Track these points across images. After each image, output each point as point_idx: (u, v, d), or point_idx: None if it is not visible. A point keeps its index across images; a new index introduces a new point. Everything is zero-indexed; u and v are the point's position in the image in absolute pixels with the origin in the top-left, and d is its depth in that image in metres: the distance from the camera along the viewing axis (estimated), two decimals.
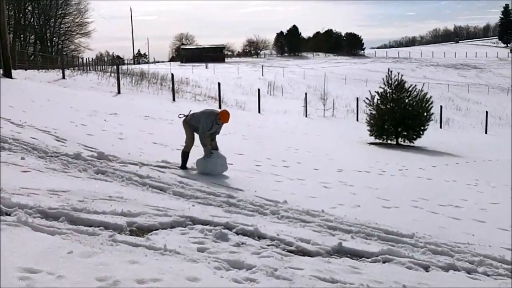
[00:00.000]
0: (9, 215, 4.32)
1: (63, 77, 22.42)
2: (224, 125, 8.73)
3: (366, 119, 20.10)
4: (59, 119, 11.16)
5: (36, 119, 10.39)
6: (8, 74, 18.08)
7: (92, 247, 3.78)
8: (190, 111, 8.95)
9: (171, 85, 25.14)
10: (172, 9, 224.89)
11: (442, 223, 7.09)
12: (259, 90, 28.44)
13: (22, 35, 59.00)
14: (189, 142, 8.61)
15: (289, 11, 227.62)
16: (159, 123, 14.53)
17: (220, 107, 24.96)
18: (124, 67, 47.99)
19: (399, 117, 18.67)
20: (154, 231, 4.52)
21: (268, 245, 4.65)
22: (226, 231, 4.78)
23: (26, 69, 25.16)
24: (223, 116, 8.44)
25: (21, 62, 31.76)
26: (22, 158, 6.70)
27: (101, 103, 16.19)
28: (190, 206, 5.75)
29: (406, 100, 19.07)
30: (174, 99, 23.44)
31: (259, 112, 26.74)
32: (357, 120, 28.69)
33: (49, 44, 62.24)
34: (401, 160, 14.41)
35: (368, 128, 19.51)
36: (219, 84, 26.15)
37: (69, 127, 10.44)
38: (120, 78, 26.69)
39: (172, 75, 25.24)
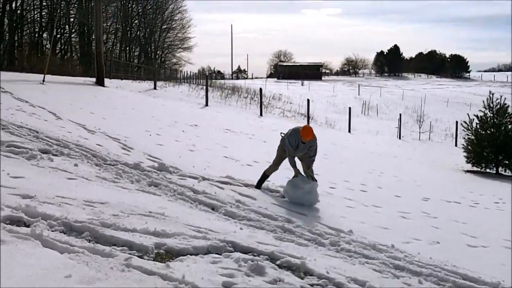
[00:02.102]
0: (28, 226, 3.93)
1: (155, 88, 22.77)
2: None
3: (463, 145, 18.60)
4: (135, 128, 11.04)
5: (111, 126, 10.31)
6: (100, 83, 18.57)
7: (98, 271, 3.27)
8: (289, 130, 8.00)
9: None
10: (272, 27, 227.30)
11: None
12: (350, 108, 27.50)
13: (128, 48, 61.84)
14: (274, 164, 7.90)
15: (390, 32, 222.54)
16: (238, 136, 14.14)
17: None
18: (222, 81, 48.77)
19: (500, 144, 17.06)
20: (182, 257, 3.95)
21: (312, 285, 3.94)
22: (265, 263, 4.12)
23: (122, 79, 25.90)
24: (304, 132, 7.48)
25: (125, 72, 33.01)
26: (75, 165, 6.42)
27: (184, 114, 16.10)
28: (237, 229, 5.15)
29: (509, 126, 17.41)
30: (261, 114, 23.09)
31: (349, 131, 25.80)
32: (456, 145, 26.87)
33: (152, 57, 64.63)
34: (498, 192, 12.99)
35: (465, 154, 18.01)
36: (308, 100, 25.51)
37: (142, 136, 10.24)
38: (211, 91, 27.01)
39: (261, 89, 24.94)
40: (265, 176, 7.87)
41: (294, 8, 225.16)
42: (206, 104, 21.28)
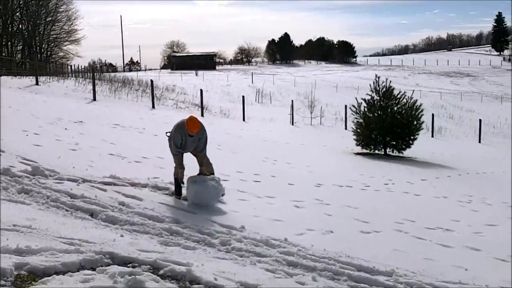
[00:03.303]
0: None
1: (37, 83, 21.28)
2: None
3: (352, 128, 19.08)
4: (10, 128, 10.07)
5: None
6: None
7: None
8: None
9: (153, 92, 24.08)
10: (164, 18, 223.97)
11: (429, 253, 6.03)
12: (243, 97, 27.40)
13: (9, 42, 57.91)
14: (177, 165, 7.10)
15: (281, 20, 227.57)
16: (128, 131, 13.47)
17: (202, 115, 23.96)
18: (113, 74, 47.01)
19: (387, 126, 17.62)
20: (47, 277, 3.45)
21: None
22: (146, 274, 3.72)
23: (0, 75, 24.00)
24: (190, 124, 6.72)
25: (8, 69, 30.67)
26: None
27: (69, 111, 15.10)
28: (117, 236, 4.69)
29: (395, 108, 18.02)
30: (153, 107, 22.38)
31: (243, 120, 25.72)
32: (346, 128, 27.66)
33: (37, 51, 60.99)
34: (387, 173, 13.38)
35: (355, 137, 18.47)
36: (201, 90, 25.11)
37: (17, 137, 9.34)
38: (100, 85, 25.78)
39: (151, 81, 24.16)
40: (176, 180, 7.16)
41: None
42: (94, 99, 20.22)
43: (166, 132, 7.36)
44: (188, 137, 6.90)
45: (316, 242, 5.71)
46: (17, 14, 58.12)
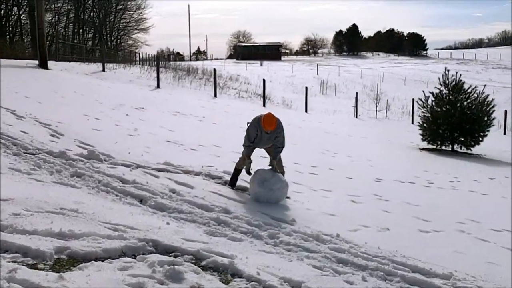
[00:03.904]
0: None
1: (103, 70, 21.81)
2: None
3: (419, 122, 18.40)
4: (72, 112, 10.30)
5: (45, 111, 9.54)
6: (43, 65, 17.58)
7: None
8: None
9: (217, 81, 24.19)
10: (232, 7, 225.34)
11: (492, 257, 5.60)
12: (306, 88, 27.13)
13: (81, 29, 59.81)
14: (243, 156, 6.91)
15: (350, 10, 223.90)
16: (188, 119, 13.51)
17: (264, 105, 23.85)
18: (180, 63, 47.71)
19: (455, 121, 16.86)
20: (86, 263, 3.38)
21: None
22: (186, 265, 3.59)
23: (70, 61, 24.79)
24: (265, 122, 6.46)
25: (79, 55, 31.73)
26: None
27: (132, 97, 15.35)
28: (163, 223, 4.60)
29: (465, 103, 17.20)
30: (215, 95, 22.46)
31: (305, 111, 25.44)
32: (412, 123, 26.83)
33: (107, 39, 62.70)
34: (454, 170, 12.77)
35: (421, 132, 17.81)
36: (263, 80, 24.97)
37: (79, 121, 9.52)
38: (165, 72, 26.16)
39: (214, 69, 24.25)
40: (237, 171, 6.97)
41: None
42: (158, 86, 20.51)
43: (248, 122, 7.08)
44: (263, 133, 6.64)
45: (370, 240, 5.43)
46: (89, 2, 59.82)
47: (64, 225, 3.90)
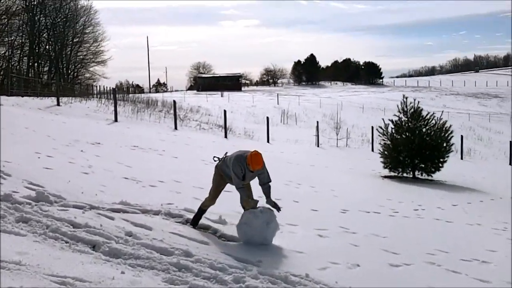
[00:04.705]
0: None
1: (58, 104, 21.15)
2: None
3: (379, 150, 18.43)
4: (22, 150, 9.73)
5: None
6: None
7: None
8: (226, 153, 6.81)
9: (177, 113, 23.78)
10: (190, 39, 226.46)
11: None
12: (267, 118, 27.02)
13: (36, 63, 58.65)
14: (211, 196, 6.64)
15: (306, 42, 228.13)
16: (147, 154, 13.08)
17: (226, 136, 23.60)
18: (137, 95, 47.11)
19: (415, 148, 16.95)
20: None
21: None
22: None
23: (23, 96, 24.02)
24: (253, 161, 6.12)
25: (33, 89, 30.85)
26: None
27: (87, 132, 14.82)
28: (118, 273, 4.20)
29: (424, 129, 17.35)
30: (176, 128, 22.06)
31: (267, 141, 25.26)
32: (372, 150, 26.99)
33: (64, 72, 61.65)
34: (417, 197, 12.71)
35: (382, 159, 17.82)
36: (225, 111, 24.76)
37: (28, 159, 8.98)
38: (123, 105, 25.63)
39: (174, 101, 23.91)
40: (201, 211, 6.67)
41: (212, 20, 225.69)
42: (115, 120, 19.98)
43: (214, 157, 6.81)
44: (247, 172, 6.31)
45: (340, 278, 5.15)
46: (44, 35, 58.89)
47: (3, 281, 3.47)
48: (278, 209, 6.45)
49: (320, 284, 4.80)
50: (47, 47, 60.08)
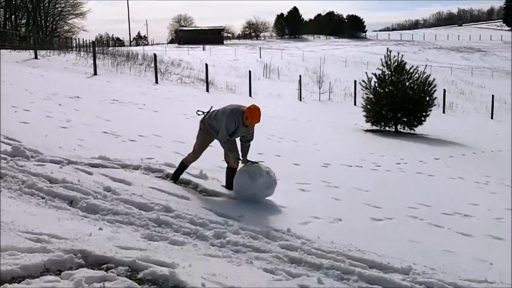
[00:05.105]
0: None
1: (36, 57, 20.61)
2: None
3: (362, 104, 18.36)
4: None
5: None
6: None
7: None
8: (212, 107, 6.61)
9: (158, 67, 23.37)
10: None
11: (448, 244, 5.39)
12: (250, 72, 26.68)
13: (13, 15, 57.02)
14: (196, 152, 6.45)
15: None
16: (127, 107, 12.86)
17: (207, 90, 23.31)
18: (117, 48, 46.14)
19: (398, 102, 16.89)
20: None
21: None
22: (120, 280, 3.13)
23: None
24: (253, 115, 5.99)
25: (11, 43, 29.98)
26: None
27: (66, 85, 14.50)
28: (96, 229, 4.10)
29: (407, 83, 17.26)
30: (157, 82, 21.72)
31: (250, 95, 25.04)
32: (355, 104, 26.94)
33: (42, 25, 60.07)
34: (399, 151, 12.73)
35: (365, 113, 17.78)
36: (206, 65, 24.38)
37: (5, 114, 8.72)
38: (103, 59, 25.12)
39: (155, 54, 23.47)
40: (183, 166, 6.51)
41: None
42: (95, 73, 19.57)
43: (197, 111, 6.59)
44: (240, 127, 6.12)
45: (322, 233, 5.11)
46: None
47: None
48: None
49: (302, 239, 4.76)
50: None
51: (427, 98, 17.31)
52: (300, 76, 30.76)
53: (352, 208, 6.47)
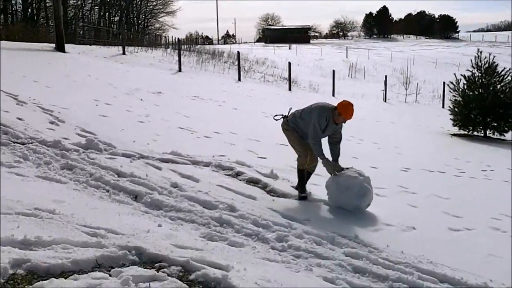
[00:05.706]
0: None
1: (123, 53, 21.31)
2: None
3: (449, 107, 17.50)
4: (81, 97, 9.82)
5: (51, 96, 9.09)
6: (60, 48, 17.21)
7: None
8: (291, 108, 6.34)
9: (242, 64, 23.50)
10: None
11: None
12: (333, 71, 26.25)
13: (107, 13, 59.57)
14: (302, 152, 6.01)
15: None
16: (206, 104, 12.95)
17: (289, 89, 23.15)
18: (207, 46, 47.08)
19: (488, 105, 15.94)
20: (43, 281, 2.83)
21: None
22: (170, 280, 3.03)
23: (91, 44, 24.40)
24: (346, 110, 5.70)
25: (104, 39, 31.35)
26: None
27: (150, 81, 14.83)
28: (155, 226, 4.04)
29: (498, 86, 16.27)
30: (239, 79, 21.82)
31: (333, 95, 24.63)
32: (443, 107, 25.80)
33: (134, 22, 62.44)
34: (486, 157, 11.96)
35: (452, 116, 16.93)
36: (289, 63, 24.19)
37: (86, 106, 9.03)
38: (188, 56, 25.60)
39: (238, 52, 23.61)
40: (301, 172, 6.06)
41: None
42: (179, 70, 19.95)
43: (275, 116, 6.28)
44: (330, 125, 5.83)
45: (392, 242, 4.79)
46: None
47: (32, 230, 3.37)
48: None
49: (369, 247, 4.48)
50: None
51: None
52: (386, 76, 29.91)
53: (428, 216, 6.06)
